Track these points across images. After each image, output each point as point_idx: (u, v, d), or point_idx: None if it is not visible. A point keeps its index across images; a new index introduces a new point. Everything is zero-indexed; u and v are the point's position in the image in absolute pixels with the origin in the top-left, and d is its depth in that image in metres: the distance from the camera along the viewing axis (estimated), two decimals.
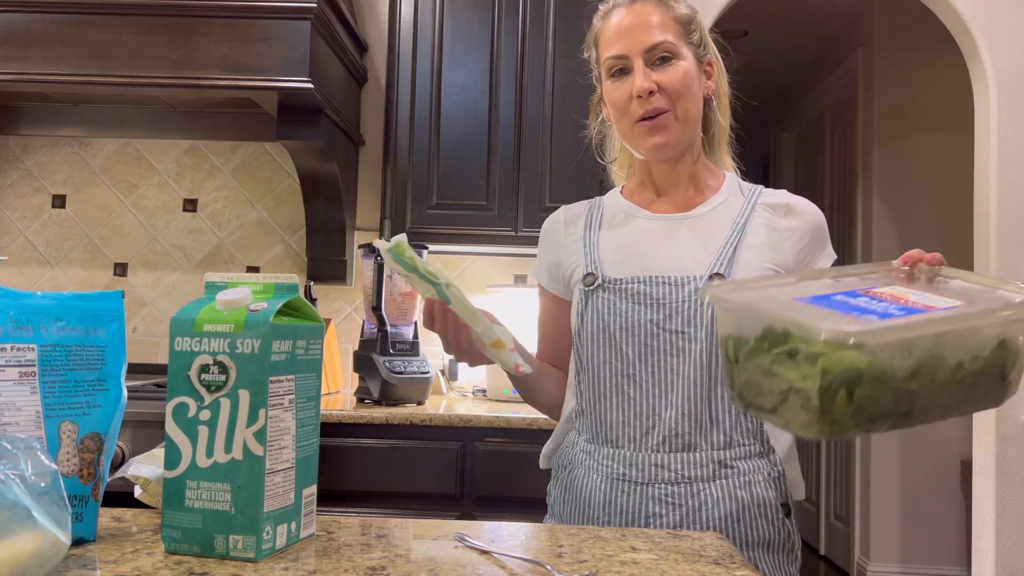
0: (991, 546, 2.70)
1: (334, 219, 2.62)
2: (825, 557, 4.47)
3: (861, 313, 0.83)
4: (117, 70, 2.12)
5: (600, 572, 0.76)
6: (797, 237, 1.14)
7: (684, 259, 1.12)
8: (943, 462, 3.88)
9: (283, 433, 0.80)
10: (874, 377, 0.80)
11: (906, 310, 0.84)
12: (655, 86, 1.11)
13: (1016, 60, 2.77)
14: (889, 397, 0.82)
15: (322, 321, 0.89)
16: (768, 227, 1.14)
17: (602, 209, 1.24)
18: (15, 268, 2.77)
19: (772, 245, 1.13)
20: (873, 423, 0.83)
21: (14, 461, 0.68)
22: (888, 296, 0.87)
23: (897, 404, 0.83)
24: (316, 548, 0.82)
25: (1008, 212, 2.75)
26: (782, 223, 1.15)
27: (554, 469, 1.24)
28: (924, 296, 0.87)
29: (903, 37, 3.98)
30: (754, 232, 1.13)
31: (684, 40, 1.14)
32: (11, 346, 0.80)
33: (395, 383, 2.21)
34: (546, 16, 2.45)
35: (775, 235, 1.14)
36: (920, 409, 0.85)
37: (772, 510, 1.08)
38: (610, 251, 1.17)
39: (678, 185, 1.19)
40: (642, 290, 1.10)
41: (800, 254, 1.14)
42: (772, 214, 1.15)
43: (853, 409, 0.81)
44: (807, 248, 1.14)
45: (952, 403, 0.87)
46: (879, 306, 0.84)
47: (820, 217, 1.17)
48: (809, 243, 1.14)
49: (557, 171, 2.42)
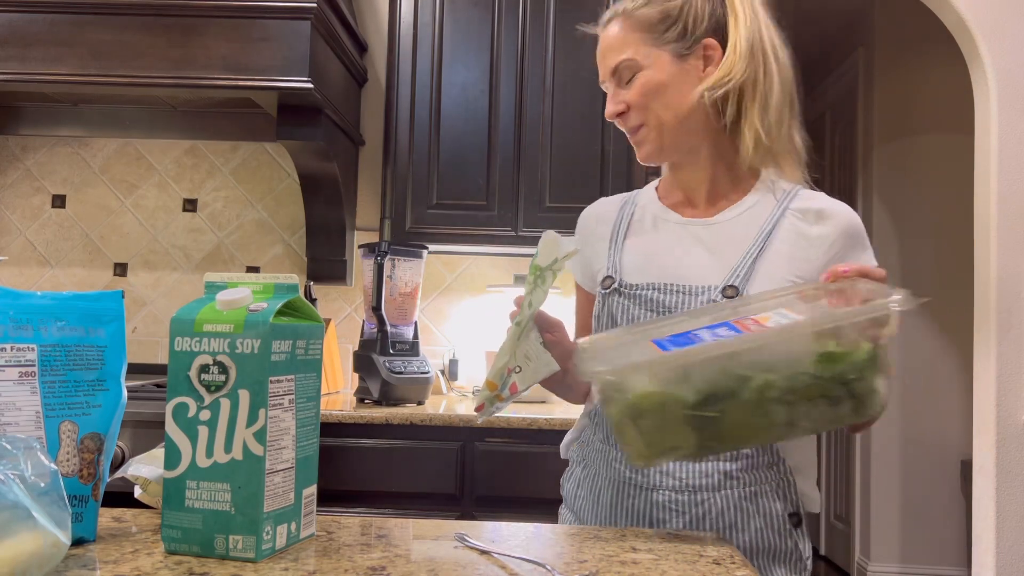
0: (991, 546, 2.70)
1: (334, 219, 2.62)
2: (825, 557, 4.47)
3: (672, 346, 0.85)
4: (117, 70, 2.12)
5: (600, 572, 0.76)
6: (827, 245, 1.07)
7: (702, 268, 1.08)
8: (943, 462, 3.88)
9: (283, 433, 0.79)
10: (654, 408, 0.84)
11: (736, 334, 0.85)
12: (623, 106, 1.11)
13: (1016, 60, 2.77)
14: (682, 425, 0.84)
15: (322, 321, 0.89)
16: (796, 234, 1.08)
17: (634, 207, 1.21)
18: (15, 268, 2.77)
19: (798, 255, 1.07)
20: (679, 450, 0.87)
21: (14, 461, 0.68)
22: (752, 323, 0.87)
23: (700, 430, 0.85)
24: (316, 548, 0.82)
25: (1008, 212, 2.75)
26: (812, 230, 1.08)
27: (570, 462, 1.25)
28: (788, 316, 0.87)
29: (903, 37, 3.98)
30: (781, 240, 1.08)
31: (653, 44, 1.10)
32: (11, 346, 0.80)
33: (395, 383, 2.21)
34: (546, 16, 2.45)
35: (803, 243, 1.08)
36: (735, 432, 0.86)
37: (778, 520, 1.06)
38: (633, 255, 1.15)
39: (700, 188, 1.15)
40: (656, 297, 1.09)
41: (833, 262, 1.06)
42: (802, 220, 1.09)
43: (646, 439, 0.85)
44: (839, 256, 1.07)
45: (784, 422, 0.87)
46: (710, 336, 0.86)
47: (853, 221, 1.10)
48: (841, 250, 1.07)
49: (557, 171, 2.42)
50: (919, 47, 3.95)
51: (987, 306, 2.77)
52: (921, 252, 3.97)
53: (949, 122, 3.92)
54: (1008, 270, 2.73)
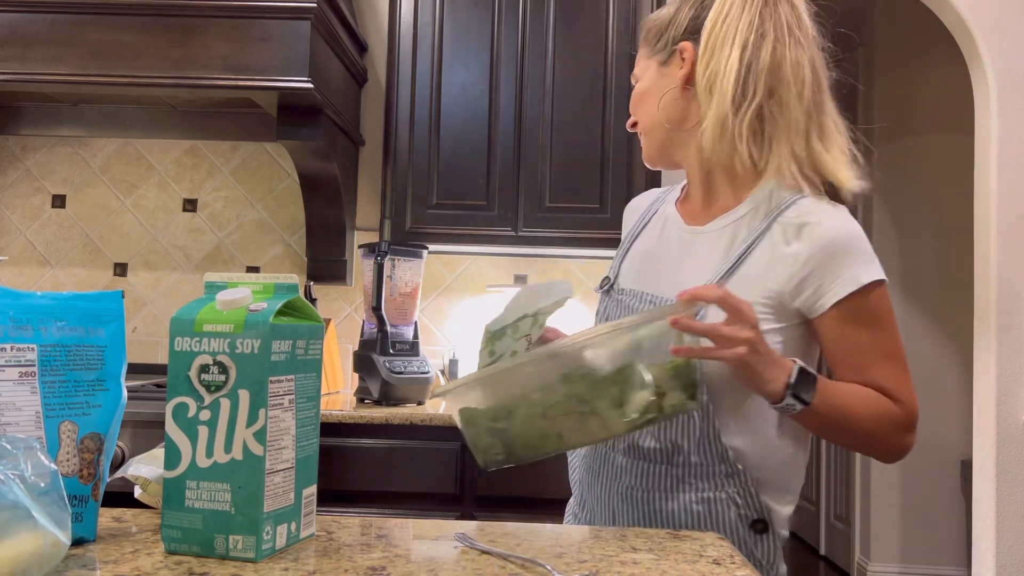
0: (991, 546, 2.70)
1: (334, 219, 2.62)
2: (825, 557, 4.47)
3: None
4: (117, 70, 2.12)
5: (600, 572, 0.76)
6: (799, 264, 1.00)
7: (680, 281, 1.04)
8: (943, 462, 3.88)
9: (283, 433, 0.80)
10: (466, 423, 0.98)
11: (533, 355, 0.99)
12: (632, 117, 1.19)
13: (1016, 60, 2.77)
14: (489, 435, 0.97)
15: (322, 321, 0.89)
16: (772, 252, 1.02)
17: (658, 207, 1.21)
18: (15, 268, 2.77)
19: (767, 274, 1.01)
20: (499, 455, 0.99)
21: (14, 461, 0.68)
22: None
23: (505, 443, 0.97)
24: (316, 548, 0.82)
25: (1008, 212, 2.75)
26: (787, 248, 1.01)
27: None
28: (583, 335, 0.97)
29: (903, 37, 3.98)
30: (756, 259, 1.02)
31: (648, 56, 1.15)
32: (11, 346, 0.80)
33: (395, 383, 2.21)
34: (546, 16, 2.45)
35: (775, 262, 1.01)
36: (522, 442, 0.97)
37: (731, 528, 1.03)
38: (632, 259, 1.17)
39: (697, 193, 1.13)
40: (633, 305, 1.10)
41: (800, 284, 1.00)
42: (782, 236, 1.02)
43: (472, 444, 0.99)
44: (810, 277, 0.99)
45: (555, 435, 0.96)
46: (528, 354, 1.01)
47: (837, 236, 1.00)
48: (816, 268, 0.99)
49: (557, 171, 2.42)
50: (919, 47, 3.94)
51: (987, 306, 2.77)
52: (921, 252, 3.97)
53: (949, 122, 3.92)
54: (1008, 270, 2.73)
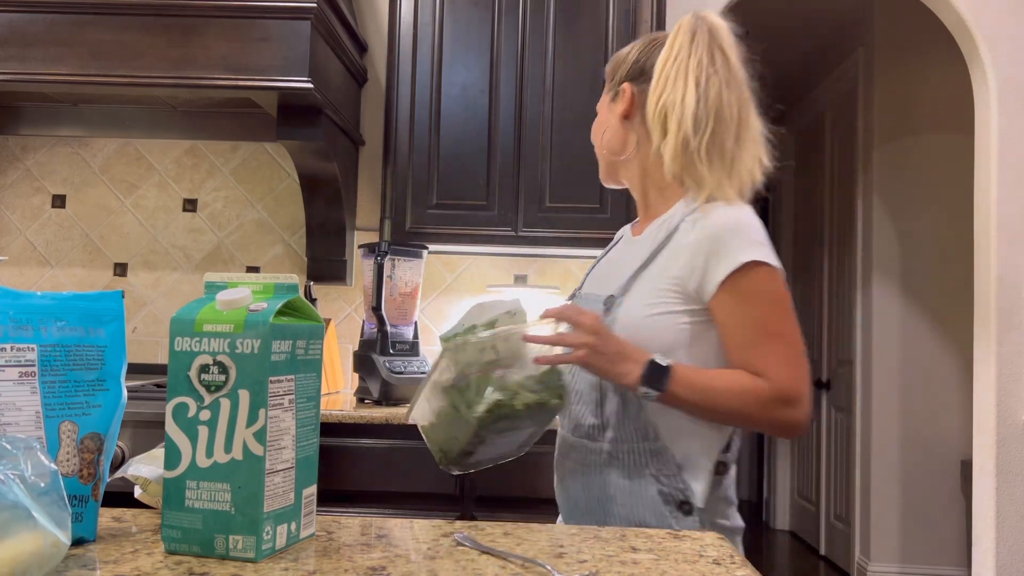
0: (991, 546, 2.70)
1: (334, 219, 2.62)
2: (825, 557, 4.47)
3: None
4: (117, 70, 2.12)
5: (600, 572, 0.76)
6: (691, 253, 1.14)
7: (618, 282, 1.22)
8: (943, 462, 3.88)
9: (283, 433, 0.80)
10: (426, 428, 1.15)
11: None
12: None
13: (1016, 60, 2.77)
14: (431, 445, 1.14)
15: (322, 321, 0.89)
16: (676, 245, 1.17)
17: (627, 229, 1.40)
18: (15, 268, 2.77)
19: (673, 264, 1.16)
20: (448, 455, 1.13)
21: (14, 461, 0.68)
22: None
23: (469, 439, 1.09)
24: (316, 548, 0.82)
25: (1008, 212, 2.75)
26: (685, 239, 1.16)
27: None
28: None
29: (903, 37, 3.98)
30: (666, 252, 1.18)
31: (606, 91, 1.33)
32: (11, 346, 0.80)
33: (395, 383, 2.21)
34: (546, 16, 2.45)
35: (678, 252, 1.17)
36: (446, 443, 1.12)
37: (655, 503, 1.15)
38: (596, 269, 1.37)
39: (640, 207, 1.32)
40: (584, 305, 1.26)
41: (693, 269, 1.14)
42: (685, 230, 1.17)
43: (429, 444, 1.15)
44: (700, 261, 1.13)
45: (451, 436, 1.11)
46: None
47: (724, 224, 1.14)
48: (703, 257, 1.13)
49: (557, 171, 2.42)
50: (919, 47, 3.94)
51: (987, 306, 2.77)
52: (921, 252, 3.97)
53: (949, 122, 3.92)
54: (1008, 270, 2.73)
